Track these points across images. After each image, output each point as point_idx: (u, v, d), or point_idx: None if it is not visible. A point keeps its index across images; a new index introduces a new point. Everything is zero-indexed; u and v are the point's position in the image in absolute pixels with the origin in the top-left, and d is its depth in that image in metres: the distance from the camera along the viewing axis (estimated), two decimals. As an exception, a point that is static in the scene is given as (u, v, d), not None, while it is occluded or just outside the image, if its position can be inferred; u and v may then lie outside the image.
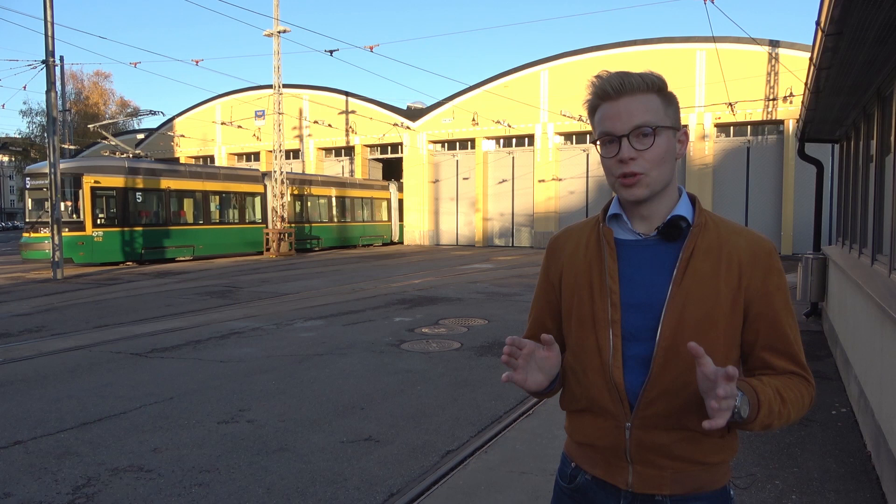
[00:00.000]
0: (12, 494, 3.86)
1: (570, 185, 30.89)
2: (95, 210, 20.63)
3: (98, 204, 20.78)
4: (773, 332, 1.39)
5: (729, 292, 1.37)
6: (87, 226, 20.27)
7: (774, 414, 1.30)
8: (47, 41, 17.13)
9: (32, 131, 60.77)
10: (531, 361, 1.37)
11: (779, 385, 1.33)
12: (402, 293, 13.44)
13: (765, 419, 1.29)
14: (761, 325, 1.39)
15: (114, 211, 21.22)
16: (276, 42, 25.97)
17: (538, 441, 4.66)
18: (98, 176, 20.73)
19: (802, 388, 1.38)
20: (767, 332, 1.39)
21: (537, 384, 1.39)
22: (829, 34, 4.23)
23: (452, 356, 7.57)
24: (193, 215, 24.14)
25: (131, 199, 21.65)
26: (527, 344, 1.35)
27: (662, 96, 1.39)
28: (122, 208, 21.34)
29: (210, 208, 24.88)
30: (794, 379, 1.38)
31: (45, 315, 10.89)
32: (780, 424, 1.34)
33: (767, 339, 1.39)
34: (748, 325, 1.39)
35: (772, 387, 1.32)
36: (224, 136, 38.93)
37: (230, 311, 11.25)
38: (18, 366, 7.18)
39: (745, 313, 1.39)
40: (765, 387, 1.31)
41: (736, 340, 1.40)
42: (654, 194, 1.39)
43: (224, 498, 3.81)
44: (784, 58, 25.20)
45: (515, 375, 1.36)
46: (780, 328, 1.39)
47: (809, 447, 4.52)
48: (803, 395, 1.37)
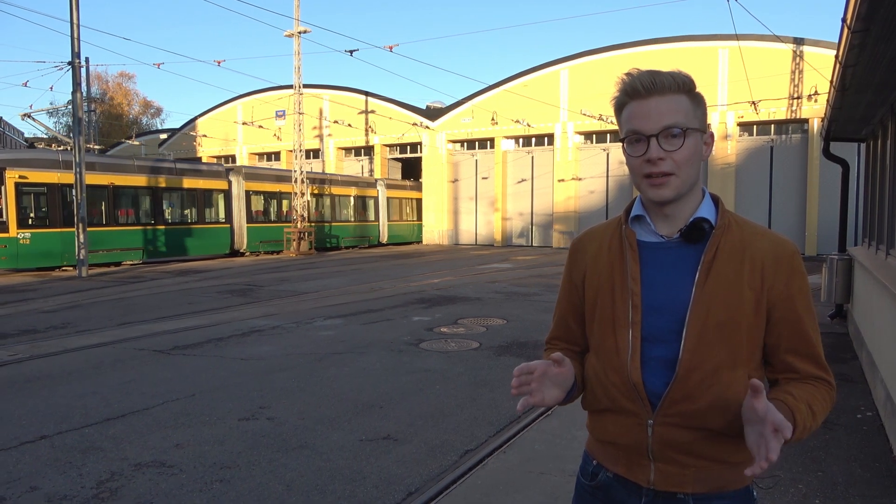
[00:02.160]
0: (39, 488, 3.93)
1: (589, 184, 30.71)
2: (22, 209, 18.24)
3: (25, 202, 18.45)
4: (797, 335, 1.38)
5: (752, 295, 1.36)
6: (10, 227, 17.73)
7: (806, 430, 1.29)
8: (73, 43, 17.42)
9: (59, 131, 61.84)
10: (545, 380, 1.36)
11: (810, 398, 1.32)
12: (420, 292, 13.46)
13: (797, 437, 1.28)
14: (785, 328, 1.38)
15: (45, 210, 18.75)
16: (296, 42, 26.15)
17: (557, 441, 4.65)
18: (24, 170, 18.17)
19: (827, 394, 1.37)
20: (791, 335, 1.38)
21: (554, 399, 1.39)
22: (856, 31, 4.16)
23: (471, 356, 7.57)
24: (144, 214, 21.73)
25: (69, 197, 18.72)
26: (537, 367, 1.34)
27: (692, 97, 1.38)
28: (55, 207, 18.70)
29: (163, 207, 22.52)
30: (820, 387, 1.36)
31: (70, 312, 11.08)
32: (807, 435, 1.34)
33: (791, 342, 1.38)
34: (771, 328, 1.38)
35: (804, 402, 1.30)
36: (245, 135, 39.28)
37: (251, 309, 11.35)
38: (44, 362, 7.31)
39: (768, 316, 1.38)
40: (799, 404, 1.29)
41: (759, 343, 1.39)
42: (680, 196, 1.38)
43: (244, 494, 3.85)
44: (809, 55, 24.82)
45: (531, 399, 1.35)
46: (803, 331, 1.38)
47: (834, 451, 4.45)
48: (827, 402, 1.36)
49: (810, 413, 1.30)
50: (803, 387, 1.35)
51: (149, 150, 42.37)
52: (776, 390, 1.36)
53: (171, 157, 26.39)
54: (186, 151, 40.83)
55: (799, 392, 1.33)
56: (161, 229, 22.09)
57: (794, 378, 1.38)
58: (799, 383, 1.37)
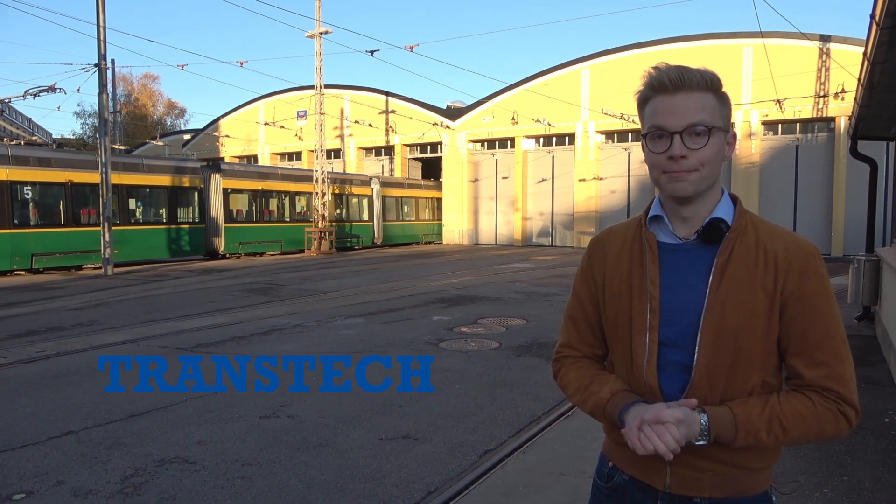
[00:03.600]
0: (65, 482, 4.01)
1: (611, 184, 30.50)
2: None
3: None
4: (805, 339, 1.32)
5: (766, 298, 1.32)
6: None
7: (757, 442, 1.30)
8: (100, 45, 17.71)
9: (86, 132, 62.93)
10: None
11: (784, 411, 1.30)
12: (440, 292, 13.48)
13: (736, 444, 1.30)
14: (792, 330, 1.33)
15: None
16: (318, 43, 26.32)
17: (577, 443, 4.62)
18: None
19: (824, 408, 1.30)
20: (799, 339, 1.33)
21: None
22: (885, 27, 4.09)
23: (491, 356, 7.56)
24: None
25: (18, 195, 17.56)
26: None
27: (718, 96, 1.36)
28: (2, 206, 17.15)
29: (128, 206, 20.56)
30: (814, 399, 1.30)
31: (96, 310, 11.26)
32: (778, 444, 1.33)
33: (798, 347, 1.33)
34: (781, 330, 1.34)
35: (768, 415, 1.29)
36: (267, 136, 39.63)
37: (272, 307, 11.45)
38: (71, 358, 7.45)
39: (780, 318, 1.34)
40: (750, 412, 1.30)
41: (775, 348, 1.36)
42: (699, 194, 1.36)
43: (265, 491, 3.89)
44: (836, 53, 24.39)
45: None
46: (812, 336, 1.32)
47: (860, 455, 4.37)
48: (821, 416, 1.29)
49: (767, 427, 1.28)
50: (790, 397, 1.32)
51: (173, 151, 42.96)
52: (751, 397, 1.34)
53: (195, 157, 26.38)
54: (210, 152, 41.31)
55: (774, 402, 1.31)
56: (123, 230, 19.65)
57: (797, 385, 1.34)
58: (792, 393, 1.33)
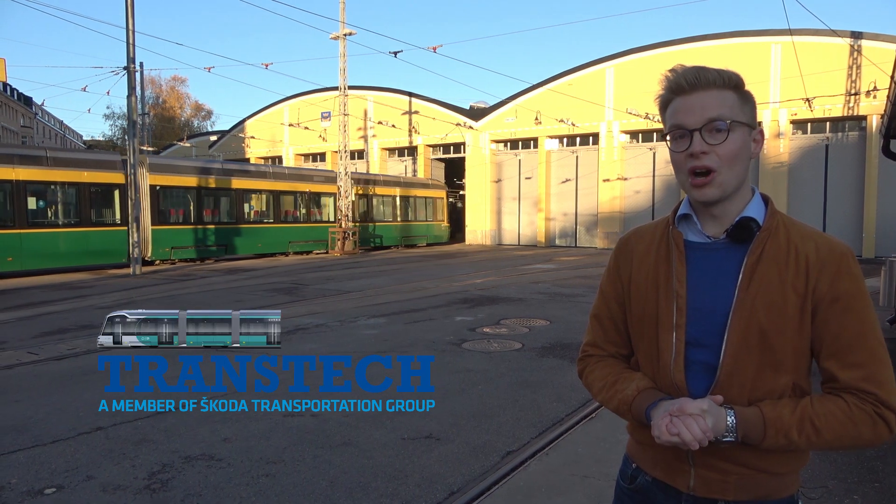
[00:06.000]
0: (94, 477, 4.09)
1: (635, 184, 30.22)
2: None
3: None
4: (839, 341, 1.30)
5: (797, 299, 1.30)
6: None
7: (789, 443, 1.28)
8: (129, 48, 18.03)
9: (115, 134, 64.14)
10: None
11: (816, 412, 1.27)
12: (463, 292, 13.47)
13: (766, 445, 1.28)
14: (826, 332, 1.30)
15: None
16: (342, 45, 26.49)
17: (601, 445, 4.59)
18: None
19: (860, 411, 1.26)
20: (832, 340, 1.30)
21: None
22: (919, 24, 3.99)
23: (514, 356, 7.54)
24: (16, 213, 16.99)
25: None
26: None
27: (739, 93, 1.34)
28: None
29: (27, 205, 17.64)
30: (850, 401, 1.27)
31: (125, 308, 11.46)
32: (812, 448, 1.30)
33: (832, 349, 1.30)
34: (813, 333, 1.32)
35: (799, 414, 1.27)
36: (292, 137, 39.98)
37: (296, 307, 11.55)
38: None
39: (812, 320, 1.31)
40: (782, 412, 1.27)
41: (805, 350, 1.33)
42: (725, 195, 1.34)
43: (289, 489, 3.92)
44: (867, 50, 23.87)
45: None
46: (847, 337, 1.29)
47: (892, 461, 4.27)
48: (857, 419, 1.26)
49: (798, 427, 1.26)
50: (823, 399, 1.29)
51: (199, 152, 43.50)
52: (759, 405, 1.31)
53: (221, 157, 26.43)
54: (235, 153, 41.80)
55: (806, 403, 1.28)
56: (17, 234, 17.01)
57: (832, 388, 1.31)
58: (827, 395, 1.30)
